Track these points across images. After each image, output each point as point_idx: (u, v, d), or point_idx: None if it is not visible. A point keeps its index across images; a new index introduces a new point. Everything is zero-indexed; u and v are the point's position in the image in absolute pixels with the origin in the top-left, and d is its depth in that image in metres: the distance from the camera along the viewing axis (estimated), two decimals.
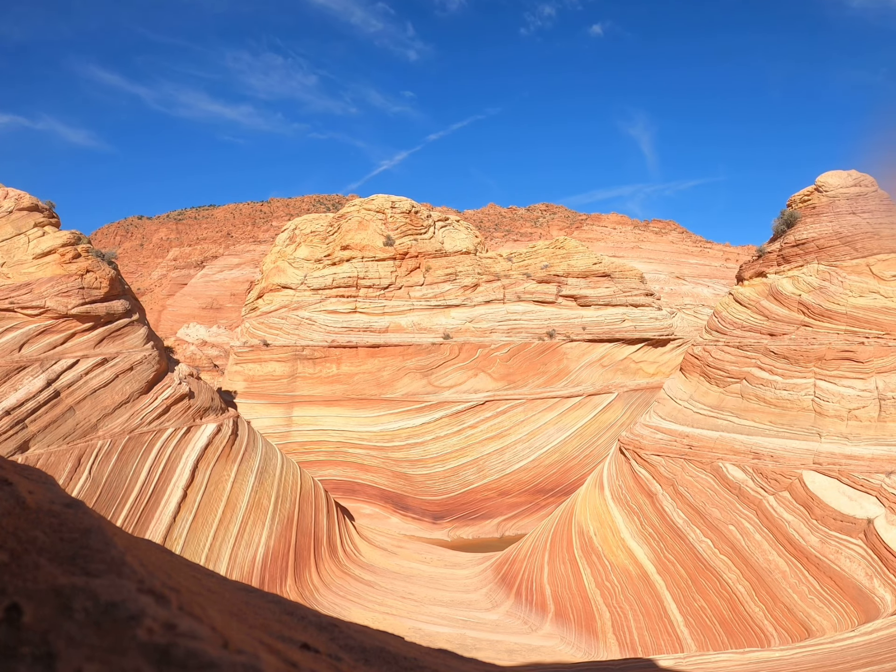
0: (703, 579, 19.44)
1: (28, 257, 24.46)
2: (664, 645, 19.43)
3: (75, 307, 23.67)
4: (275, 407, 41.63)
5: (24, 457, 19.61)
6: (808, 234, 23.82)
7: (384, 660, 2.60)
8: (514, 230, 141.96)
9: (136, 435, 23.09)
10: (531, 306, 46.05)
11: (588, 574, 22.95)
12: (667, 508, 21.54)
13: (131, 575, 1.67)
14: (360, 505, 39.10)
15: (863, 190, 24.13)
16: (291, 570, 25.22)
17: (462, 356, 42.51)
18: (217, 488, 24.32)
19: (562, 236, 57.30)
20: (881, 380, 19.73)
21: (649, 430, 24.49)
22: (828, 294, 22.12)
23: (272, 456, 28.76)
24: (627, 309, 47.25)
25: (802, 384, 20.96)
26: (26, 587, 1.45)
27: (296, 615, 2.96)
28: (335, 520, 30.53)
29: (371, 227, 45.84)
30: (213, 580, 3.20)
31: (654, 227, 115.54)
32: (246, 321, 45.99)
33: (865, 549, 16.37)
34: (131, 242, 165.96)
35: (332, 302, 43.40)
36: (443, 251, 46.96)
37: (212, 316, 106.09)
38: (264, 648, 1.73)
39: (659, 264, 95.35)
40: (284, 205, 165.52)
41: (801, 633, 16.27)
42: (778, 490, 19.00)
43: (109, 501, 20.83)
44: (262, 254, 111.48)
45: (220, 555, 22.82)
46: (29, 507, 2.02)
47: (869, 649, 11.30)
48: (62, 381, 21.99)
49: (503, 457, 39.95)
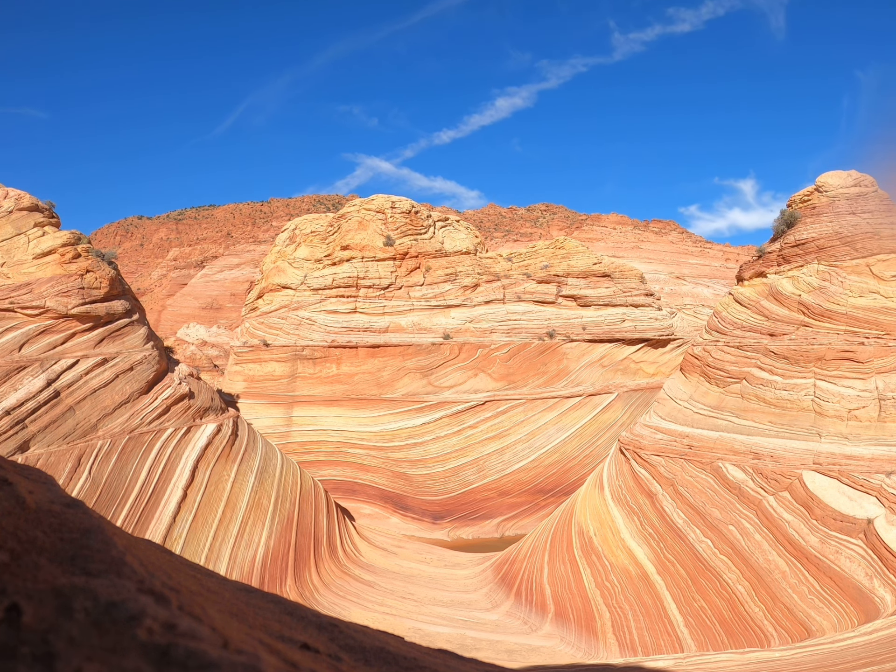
0: (703, 579, 19.45)
1: (28, 257, 24.47)
2: (664, 645, 19.44)
3: (75, 307, 23.67)
4: (275, 407, 41.65)
5: (24, 457, 19.61)
6: (808, 235, 23.83)
7: (384, 660, 2.61)
8: (514, 230, 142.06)
9: (136, 435, 23.10)
10: (531, 306, 46.06)
11: (588, 574, 22.95)
12: (667, 508, 21.55)
13: (131, 575, 1.67)
14: (360, 505, 39.11)
15: (863, 190, 24.15)
16: (291, 570, 25.22)
17: (462, 356, 42.52)
18: (217, 488, 24.33)
19: (562, 236, 57.34)
20: (881, 380, 19.74)
21: (649, 430, 24.50)
22: (828, 294, 22.13)
23: (272, 456, 28.77)
24: (627, 309, 47.26)
25: (802, 384, 20.96)
26: (26, 587, 1.45)
27: (296, 615, 2.96)
28: (335, 520, 30.53)
29: (371, 227, 45.85)
30: (213, 580, 3.21)
31: (654, 227, 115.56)
32: (246, 321, 46.02)
33: (865, 549, 16.37)
34: (131, 242, 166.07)
35: (332, 302, 43.41)
36: (443, 251, 46.97)
37: (212, 316, 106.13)
38: (264, 648, 1.73)
39: (659, 264, 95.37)
40: (284, 205, 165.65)
41: (801, 634, 16.28)
42: (778, 490, 19.01)
43: (109, 501, 20.84)
44: (262, 254, 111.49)
45: (220, 555, 22.83)
46: (29, 507, 2.03)
47: (869, 649, 11.31)
48: (62, 381, 21.99)
49: (503, 457, 39.96)
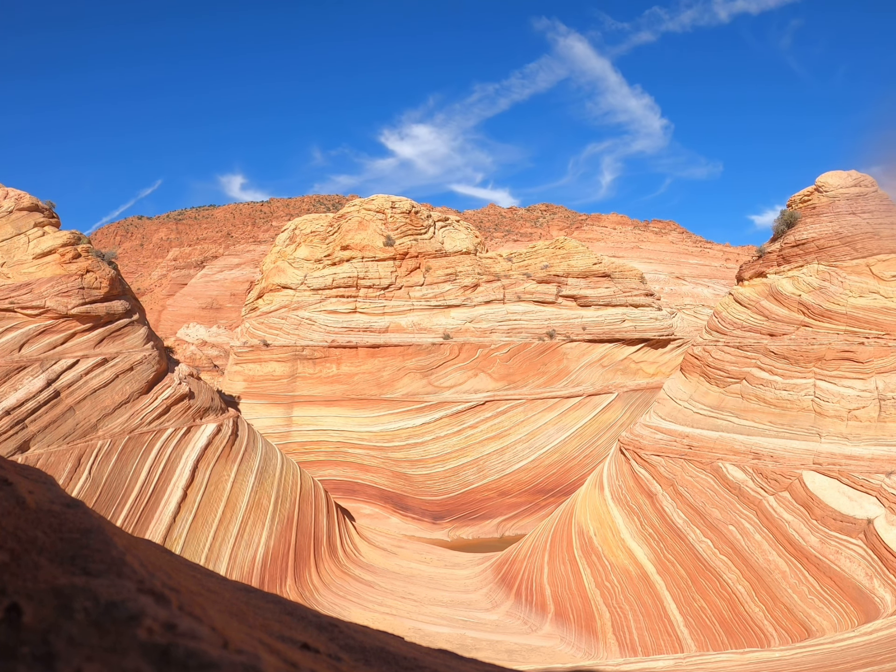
0: (702, 579, 19.44)
1: (28, 257, 24.47)
2: (664, 645, 19.44)
3: (75, 307, 23.67)
4: (275, 407, 41.65)
5: (24, 457, 19.61)
6: (808, 235, 23.83)
7: (384, 660, 2.61)
8: (514, 230, 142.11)
9: (136, 435, 23.10)
10: (531, 306, 46.06)
11: (588, 574, 22.95)
12: (667, 508, 21.55)
13: (131, 575, 1.67)
14: (360, 505, 39.12)
15: (863, 190, 24.16)
16: (291, 570, 25.22)
17: (462, 356, 42.52)
18: (217, 488, 24.33)
19: (562, 236, 57.33)
20: (881, 380, 19.75)
21: (649, 430, 24.50)
22: (828, 294, 22.14)
23: (272, 456, 28.77)
24: (627, 309, 47.26)
25: (802, 384, 20.97)
26: (26, 587, 1.45)
27: (296, 615, 2.96)
28: (335, 520, 30.53)
29: (371, 227, 45.86)
30: (213, 580, 3.21)
31: (654, 227, 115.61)
32: (246, 321, 46.03)
33: (865, 549, 16.38)
34: (131, 242, 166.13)
35: (332, 302, 43.41)
36: (443, 251, 46.97)
37: (212, 316, 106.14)
38: (264, 648, 1.74)
39: (659, 264, 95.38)
40: (284, 205, 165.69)
41: (801, 634, 16.28)
42: (778, 490, 19.01)
43: (109, 501, 20.84)
44: (262, 254, 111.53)
45: (220, 555, 22.83)
46: (29, 507, 2.03)
47: (869, 649, 11.31)
48: (62, 381, 21.99)
49: (503, 457, 39.96)
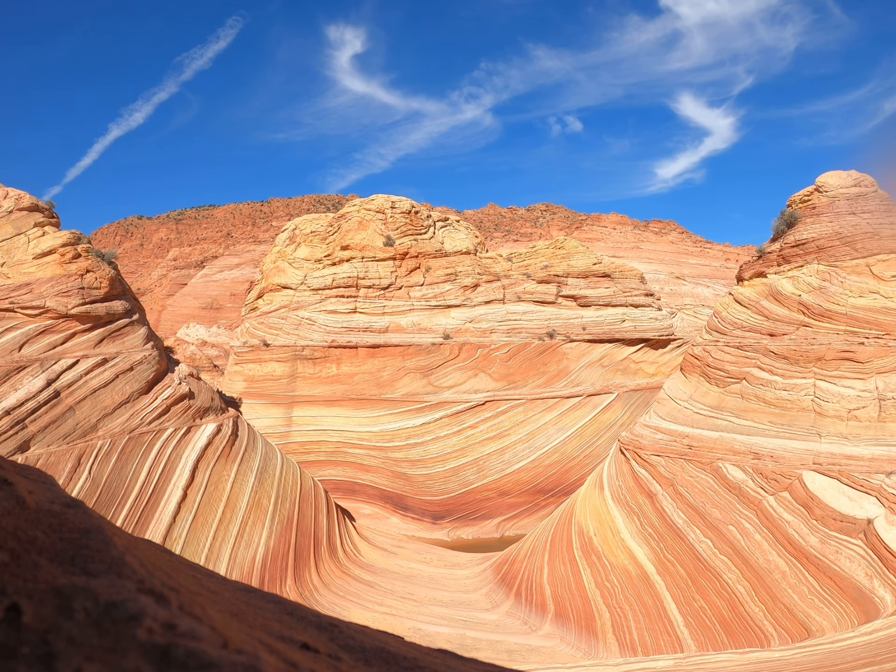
0: (702, 579, 19.44)
1: (28, 257, 24.47)
2: (664, 645, 19.44)
3: (75, 307, 23.67)
4: (275, 407, 41.66)
5: (24, 457, 19.61)
6: (808, 235, 23.83)
7: (384, 660, 2.61)
8: (514, 230, 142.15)
9: (136, 435, 23.10)
10: (531, 306, 46.06)
11: (588, 574, 22.95)
12: (667, 509, 21.55)
13: (131, 575, 1.67)
14: (360, 505, 39.12)
15: (863, 190, 24.16)
16: (291, 570, 25.22)
17: (462, 356, 42.52)
18: (217, 488, 24.33)
19: (562, 236, 57.34)
20: (881, 380, 19.75)
21: (649, 430, 24.50)
22: (828, 294, 22.14)
23: (272, 456, 28.77)
24: (627, 309, 47.26)
25: (802, 384, 20.97)
26: (26, 587, 1.45)
27: (296, 615, 2.96)
28: (335, 520, 30.53)
29: (371, 227, 45.86)
30: (213, 580, 3.21)
31: (654, 227, 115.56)
32: (246, 321, 46.03)
33: (865, 549, 16.38)
34: (131, 242, 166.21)
35: (332, 302, 43.41)
36: (443, 251, 46.98)
37: (212, 316, 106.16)
38: (264, 648, 1.73)
39: (659, 264, 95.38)
40: (284, 205, 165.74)
41: (800, 634, 16.28)
42: (778, 490, 19.01)
43: (109, 501, 20.84)
44: (262, 254, 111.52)
45: (220, 555, 22.83)
46: (29, 507, 2.03)
47: (869, 649, 11.32)
48: (62, 381, 21.99)
49: (503, 457, 39.96)
